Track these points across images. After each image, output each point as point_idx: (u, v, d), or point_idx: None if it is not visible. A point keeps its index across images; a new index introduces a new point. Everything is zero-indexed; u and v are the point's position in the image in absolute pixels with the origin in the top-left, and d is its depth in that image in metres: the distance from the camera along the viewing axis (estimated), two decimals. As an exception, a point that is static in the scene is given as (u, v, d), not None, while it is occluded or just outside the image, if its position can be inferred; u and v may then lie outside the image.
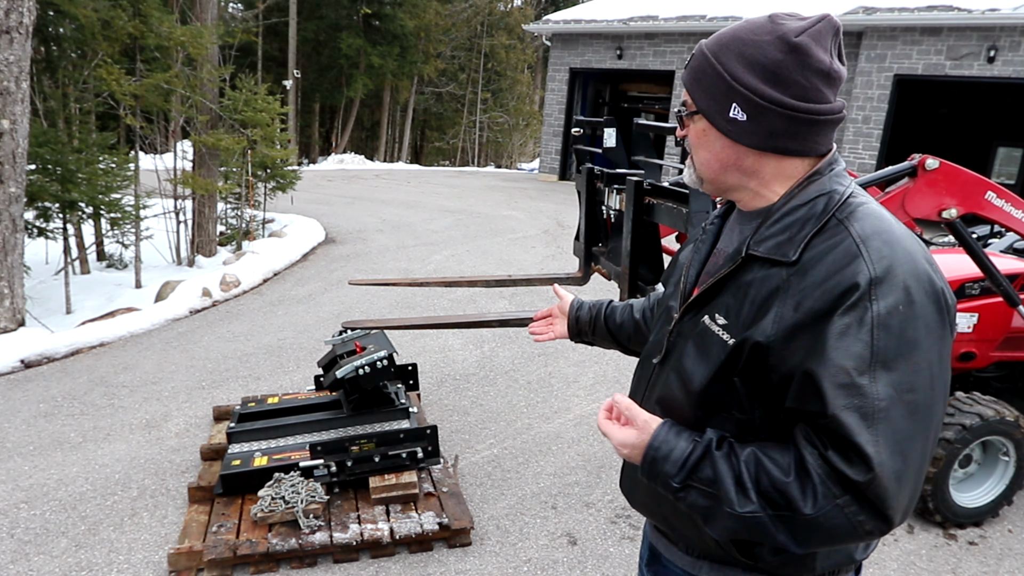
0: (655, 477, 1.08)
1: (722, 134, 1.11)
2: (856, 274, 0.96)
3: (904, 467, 0.95)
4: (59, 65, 7.41)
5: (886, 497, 0.94)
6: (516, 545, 2.96)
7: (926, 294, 0.98)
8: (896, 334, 0.95)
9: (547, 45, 18.09)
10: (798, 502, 0.96)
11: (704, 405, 1.11)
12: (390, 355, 3.48)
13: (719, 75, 1.09)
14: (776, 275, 1.04)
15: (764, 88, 1.05)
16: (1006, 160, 15.03)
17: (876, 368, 0.94)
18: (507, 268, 7.85)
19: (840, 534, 0.96)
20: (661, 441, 1.07)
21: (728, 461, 1.02)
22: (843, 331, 0.95)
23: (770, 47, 1.05)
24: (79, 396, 4.32)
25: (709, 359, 1.09)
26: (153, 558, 2.79)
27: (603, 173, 3.36)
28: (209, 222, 8.73)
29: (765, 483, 0.98)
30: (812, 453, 0.97)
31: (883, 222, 1.04)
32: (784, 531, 0.98)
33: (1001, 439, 3.14)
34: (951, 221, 2.99)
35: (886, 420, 0.93)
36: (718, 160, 1.13)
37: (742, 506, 0.99)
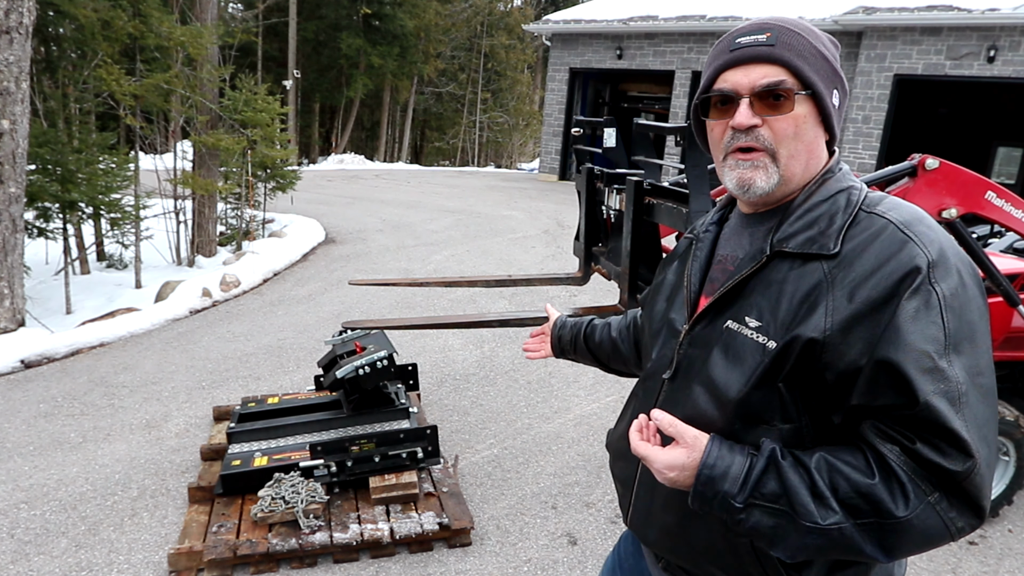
0: (711, 499, 0.97)
1: (820, 120, 1.05)
2: (914, 257, 0.93)
3: (990, 454, 0.91)
4: (59, 65, 7.42)
5: (982, 486, 0.89)
6: (516, 545, 2.96)
7: (972, 277, 0.96)
8: (958, 316, 0.92)
9: (547, 45, 18.10)
10: (887, 505, 0.89)
11: (743, 416, 1.01)
12: (390, 355, 3.48)
13: (823, 57, 1.04)
14: (815, 269, 0.98)
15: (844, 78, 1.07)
16: (1006, 160, 15.02)
17: (950, 351, 0.90)
18: (507, 268, 7.85)
19: (932, 536, 0.90)
20: (716, 458, 0.97)
21: (797, 471, 0.93)
22: (915, 314, 0.91)
23: (832, 45, 1.07)
24: (79, 396, 4.32)
25: (744, 365, 1.01)
26: (153, 558, 2.79)
27: (603, 173, 3.35)
28: (209, 222, 8.73)
29: (844, 489, 0.91)
30: (893, 450, 0.91)
31: (916, 210, 1.01)
32: (871, 540, 0.90)
33: (1001, 439, 3.14)
34: (951, 221, 2.99)
35: (968, 405, 0.90)
36: (808, 151, 1.05)
37: (824, 518, 0.90)
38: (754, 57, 1.02)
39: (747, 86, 1.02)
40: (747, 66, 1.03)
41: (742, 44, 1.03)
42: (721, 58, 1.06)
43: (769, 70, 1.01)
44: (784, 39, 1.02)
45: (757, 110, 1.02)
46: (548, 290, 6.71)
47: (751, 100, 1.02)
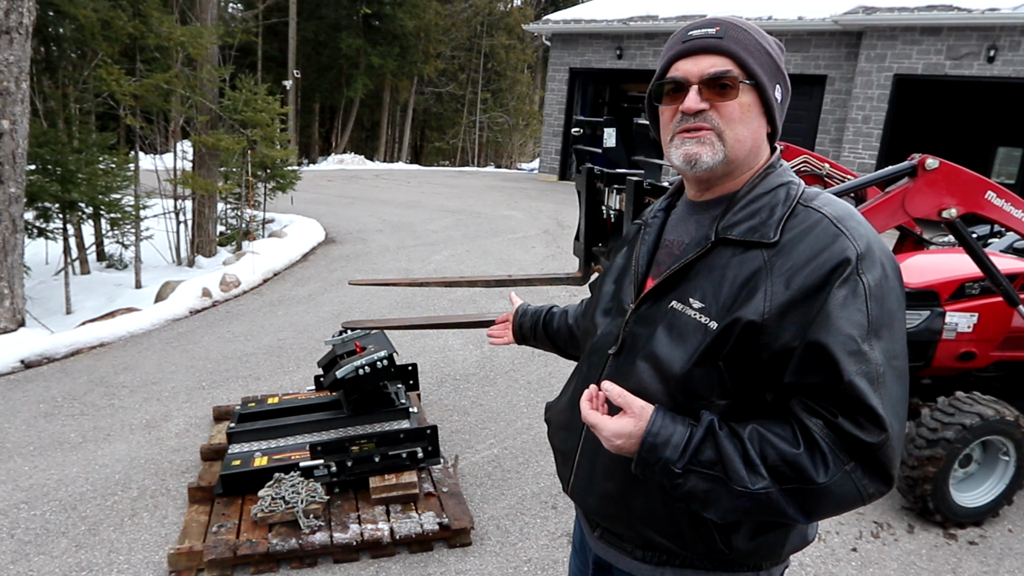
0: (653, 465, 1.04)
1: (763, 111, 1.13)
2: (844, 250, 1.02)
3: (900, 429, 1.01)
4: (59, 65, 7.41)
5: (893, 457, 0.99)
6: (516, 545, 2.96)
7: (894, 270, 1.06)
8: (880, 304, 1.01)
9: (547, 45, 18.09)
10: (810, 472, 0.98)
11: (684, 391, 1.09)
12: (390, 355, 3.48)
13: (767, 53, 1.13)
14: (755, 256, 1.06)
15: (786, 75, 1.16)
16: (1006, 160, 15.03)
17: (872, 336, 0.99)
18: (507, 268, 7.85)
19: (847, 500, 1.00)
20: (660, 427, 1.04)
21: (732, 440, 1.02)
22: (843, 302, 0.99)
23: (777, 47, 1.17)
24: (79, 396, 4.32)
25: (687, 343, 1.08)
26: (153, 558, 2.79)
27: (603, 173, 3.36)
28: (209, 222, 8.73)
29: (773, 457, 1.00)
30: (817, 423, 0.99)
31: (847, 207, 1.11)
32: (794, 503, 0.99)
33: (1001, 439, 3.14)
34: (951, 221, 2.99)
35: (884, 385, 0.99)
36: (753, 139, 1.13)
37: (754, 483, 0.99)
38: (703, 48, 1.11)
39: (696, 74, 1.11)
40: (697, 56, 1.11)
41: (693, 36, 1.12)
42: (674, 49, 1.14)
43: (717, 60, 1.10)
44: (732, 33, 1.11)
45: (705, 96, 1.10)
46: (548, 290, 6.71)
47: (700, 87, 1.10)
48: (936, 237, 5.19)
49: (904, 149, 7.65)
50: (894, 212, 3.00)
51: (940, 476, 3.06)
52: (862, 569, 2.90)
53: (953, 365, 3.46)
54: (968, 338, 3.40)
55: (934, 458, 3.04)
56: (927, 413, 3.14)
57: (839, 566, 2.91)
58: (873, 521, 3.24)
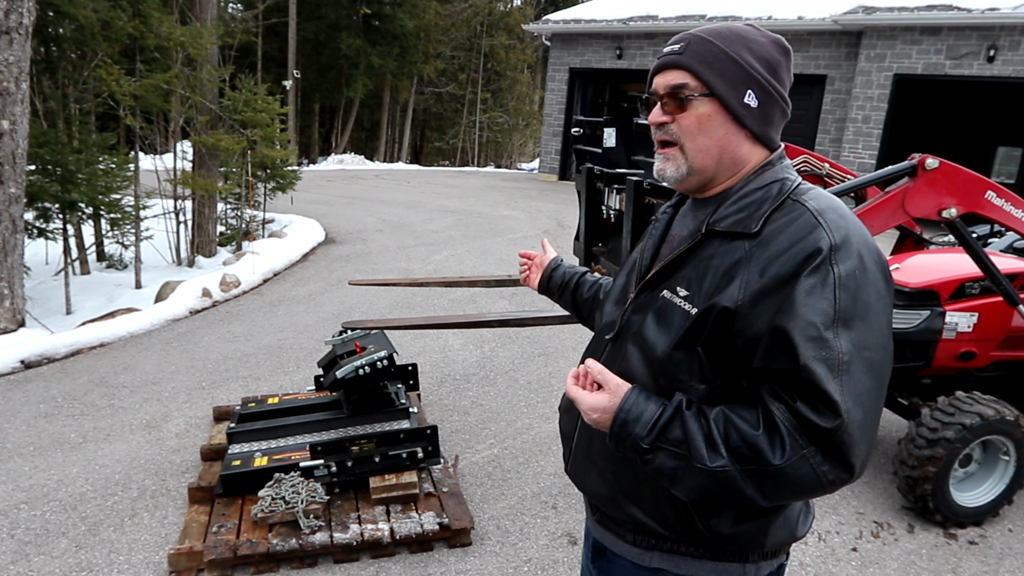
0: (624, 440, 1.10)
1: (732, 118, 1.16)
2: (818, 240, 1.05)
3: (864, 418, 1.01)
4: (59, 66, 7.40)
5: (851, 444, 1.00)
6: (516, 545, 2.96)
7: (875, 263, 1.07)
8: (853, 295, 1.03)
9: (547, 45, 18.09)
10: (766, 453, 1.01)
11: (666, 374, 1.14)
12: (390, 355, 3.48)
13: (735, 61, 1.16)
14: (738, 247, 1.11)
15: (771, 79, 1.18)
16: (1006, 160, 15.03)
17: (839, 325, 1.01)
18: (507, 268, 7.85)
19: (805, 485, 1.02)
20: (632, 404, 1.10)
21: (697, 420, 1.06)
22: (810, 290, 1.02)
23: (768, 47, 1.19)
24: (79, 397, 4.32)
25: (671, 329, 1.14)
26: (153, 558, 2.79)
27: (603, 173, 3.36)
28: (209, 222, 8.73)
29: (735, 438, 1.03)
30: (779, 407, 1.03)
31: (834, 200, 1.14)
32: (752, 484, 1.03)
33: (1001, 438, 3.14)
34: (951, 220, 2.99)
35: (848, 373, 1.00)
36: (719, 146, 1.17)
37: (712, 461, 1.03)
38: (667, 64, 1.19)
39: (662, 87, 1.19)
40: (663, 72, 1.20)
41: (663, 53, 1.21)
42: (654, 64, 1.24)
43: (676, 75, 1.17)
44: (694, 47, 1.17)
45: (669, 109, 1.18)
46: (548, 290, 6.70)
47: (664, 100, 1.19)
48: (936, 237, 5.19)
49: (904, 149, 7.65)
50: (894, 212, 3.00)
51: (940, 476, 3.06)
52: (862, 569, 2.90)
53: (953, 365, 3.46)
54: (968, 338, 3.40)
55: (934, 458, 3.04)
56: (927, 413, 3.14)
57: (839, 566, 2.91)
58: (873, 521, 3.24)
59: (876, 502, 3.40)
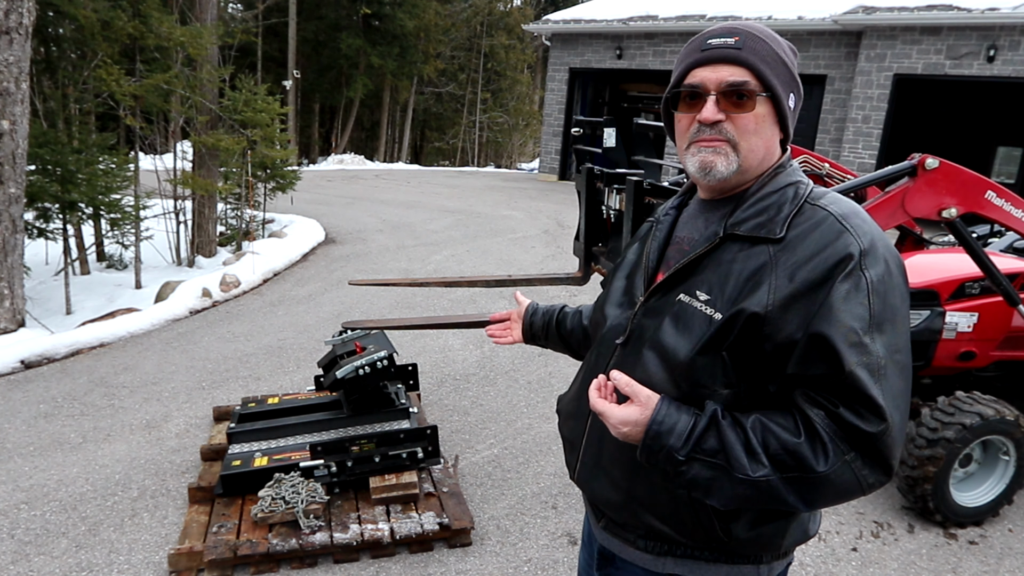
0: (657, 452, 1.07)
1: (777, 120, 1.16)
2: (848, 245, 1.04)
3: (902, 420, 1.02)
4: (59, 66, 7.41)
5: (893, 447, 1.00)
6: (516, 545, 2.96)
7: (898, 267, 1.08)
8: (883, 299, 1.03)
9: (547, 45, 18.08)
10: (810, 461, 1.00)
11: (688, 380, 1.11)
12: (390, 355, 3.48)
13: (783, 63, 1.15)
14: (761, 252, 1.09)
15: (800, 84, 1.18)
16: (1006, 160, 15.03)
17: (874, 330, 1.02)
18: (507, 268, 7.85)
19: (846, 489, 1.02)
20: (664, 415, 1.07)
21: (734, 430, 1.04)
22: (846, 295, 1.01)
23: (791, 52, 1.18)
24: (79, 397, 4.32)
25: (692, 333, 1.11)
26: (153, 558, 2.79)
27: (603, 173, 3.36)
28: (209, 222, 8.73)
29: (774, 446, 1.02)
30: (819, 414, 1.01)
31: (853, 205, 1.13)
32: (794, 492, 1.01)
33: (1001, 438, 3.14)
34: (951, 220, 2.99)
35: (886, 377, 1.01)
36: (766, 147, 1.16)
37: (755, 471, 1.01)
38: (723, 58, 1.12)
39: (715, 83, 1.12)
40: (716, 65, 1.12)
41: (713, 45, 1.13)
42: (692, 56, 1.15)
43: (735, 70, 1.11)
44: (751, 44, 1.12)
45: (722, 106, 1.12)
46: (548, 290, 6.71)
47: (718, 97, 1.12)
48: (936, 237, 5.19)
49: (904, 149, 7.66)
50: (894, 212, 3.00)
51: (940, 476, 3.06)
52: (862, 569, 2.90)
53: (953, 365, 3.46)
54: (968, 338, 3.40)
55: (934, 458, 3.04)
56: (927, 413, 3.14)
57: (839, 566, 2.91)
58: (873, 521, 3.24)
59: (876, 502, 3.40)
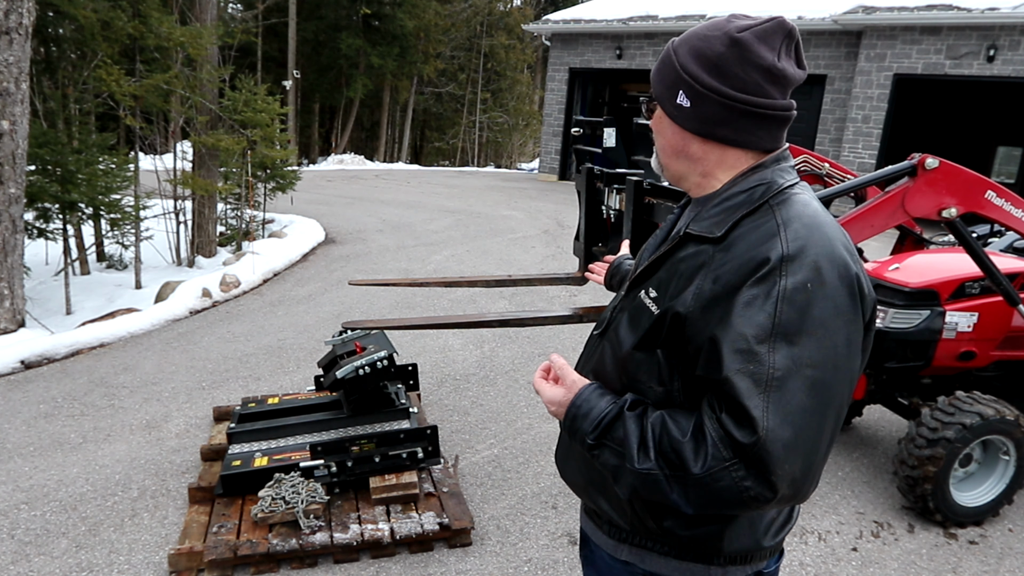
0: (574, 433, 1.14)
1: (671, 120, 1.19)
2: (770, 250, 1.02)
3: (794, 438, 0.97)
4: (59, 66, 7.41)
5: (770, 462, 0.96)
6: (517, 545, 2.96)
7: (839, 277, 1.02)
8: (801, 310, 0.99)
9: (547, 45, 18.09)
10: (689, 462, 1.00)
11: (628, 373, 1.16)
12: (390, 355, 3.48)
13: (672, 65, 1.18)
14: (704, 251, 1.10)
15: (705, 77, 1.13)
16: (1006, 159, 15.04)
17: (777, 339, 0.98)
18: (507, 268, 7.85)
19: (727, 497, 0.99)
20: (583, 400, 1.14)
21: (638, 422, 1.08)
22: (749, 301, 1.00)
23: (716, 41, 1.14)
24: (79, 397, 4.32)
25: (636, 329, 1.16)
26: (154, 559, 2.79)
27: (603, 173, 3.36)
28: (209, 222, 8.73)
29: (665, 443, 1.04)
30: (711, 417, 1.01)
31: (808, 209, 1.09)
32: (677, 489, 1.02)
33: (1001, 438, 3.14)
34: (951, 220, 2.99)
35: (780, 390, 0.97)
36: (670, 146, 1.22)
37: (641, 463, 1.04)
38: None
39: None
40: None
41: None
42: None
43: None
44: (659, 57, 1.22)
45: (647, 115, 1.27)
46: (548, 290, 6.71)
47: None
48: (936, 237, 5.19)
49: (904, 149, 7.66)
50: (894, 212, 3.00)
51: (940, 475, 3.06)
52: (862, 569, 2.90)
53: (953, 364, 3.46)
54: (968, 337, 3.40)
55: (934, 457, 3.04)
56: (927, 413, 3.14)
57: (839, 566, 2.91)
58: (873, 521, 3.24)
59: (876, 502, 3.40)
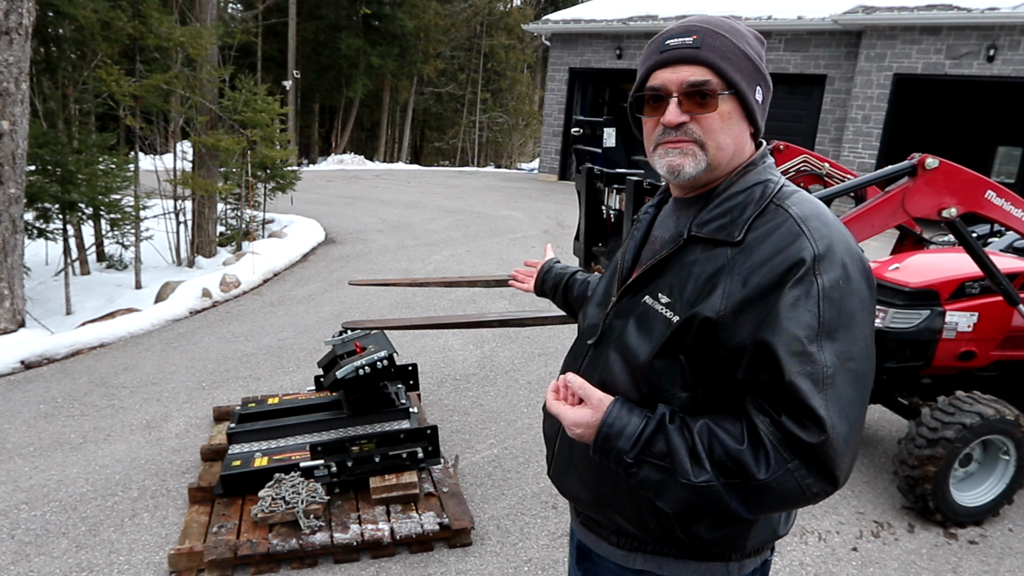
0: (608, 454, 1.09)
1: (745, 116, 1.14)
2: (801, 250, 1.02)
3: (849, 430, 1.00)
4: (59, 66, 7.41)
5: (836, 458, 0.99)
6: (517, 545, 2.96)
7: (859, 271, 1.05)
8: (837, 306, 1.01)
9: (547, 45, 18.09)
10: (751, 468, 1.00)
11: (648, 382, 1.12)
12: (390, 355, 3.48)
13: (747, 56, 1.12)
14: (721, 254, 1.08)
15: (767, 76, 1.15)
16: (1006, 159, 15.02)
17: (823, 337, 1.00)
18: (507, 268, 7.84)
19: (789, 498, 1.01)
20: (615, 418, 1.08)
21: (681, 434, 1.05)
22: (794, 302, 1.00)
23: (756, 42, 1.16)
24: (79, 397, 4.32)
25: (652, 336, 1.12)
26: (154, 559, 2.79)
27: (603, 173, 3.36)
28: (209, 223, 8.73)
29: (719, 452, 1.02)
30: (764, 421, 1.01)
31: (818, 206, 1.11)
32: (737, 498, 1.01)
33: (1001, 438, 3.14)
34: (951, 220, 3.00)
35: (833, 386, 0.99)
36: (735, 144, 1.14)
37: (697, 476, 1.02)
38: (681, 58, 1.10)
39: (676, 84, 1.10)
40: (676, 66, 1.11)
41: (671, 45, 1.12)
42: (652, 58, 1.14)
43: (695, 70, 1.09)
44: (709, 41, 1.10)
45: (685, 108, 1.10)
46: (548, 290, 6.70)
47: (679, 98, 1.10)
48: (936, 236, 5.19)
49: (904, 149, 7.66)
50: (894, 211, 3.00)
51: (940, 475, 3.06)
52: (862, 568, 2.90)
53: (953, 364, 3.46)
54: (968, 337, 3.40)
55: (934, 457, 3.04)
56: (927, 412, 3.14)
57: (839, 565, 2.91)
58: (874, 521, 3.24)
59: (876, 502, 3.40)
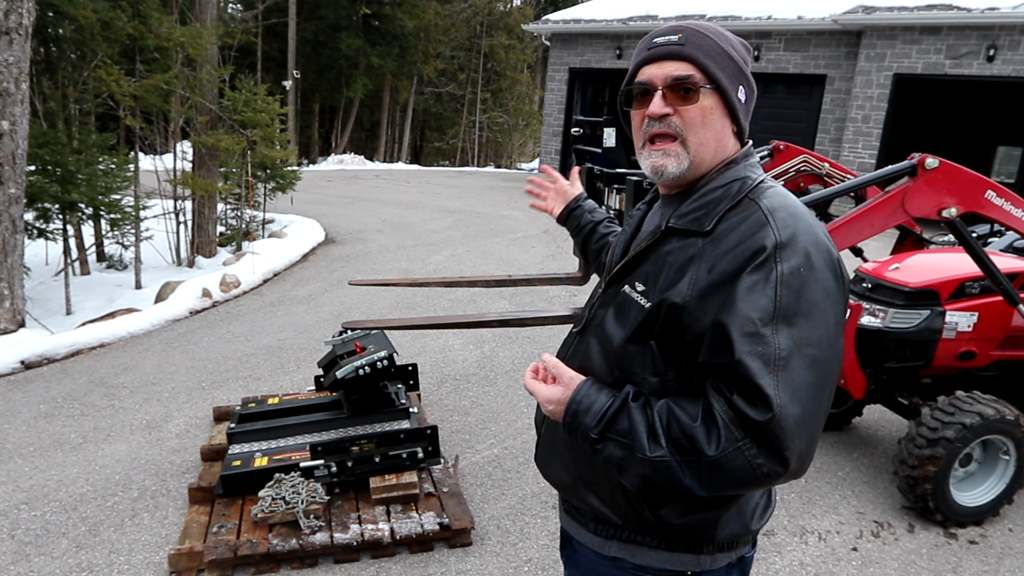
0: (576, 430, 1.15)
1: (727, 112, 1.19)
2: (764, 238, 1.07)
3: (802, 413, 1.03)
4: (59, 66, 7.41)
5: (783, 437, 1.01)
6: (517, 545, 2.96)
7: (824, 261, 1.09)
8: (797, 293, 1.05)
9: (547, 45, 18.09)
10: (703, 445, 1.04)
11: (620, 366, 1.18)
12: (390, 355, 3.48)
13: (729, 56, 1.19)
14: (692, 244, 1.14)
15: (751, 78, 1.22)
16: (1006, 159, 15.02)
17: (779, 321, 1.03)
18: (507, 268, 7.84)
19: (740, 476, 1.04)
20: (583, 395, 1.15)
21: (643, 412, 1.10)
22: (751, 287, 1.05)
23: (742, 47, 1.22)
24: (79, 397, 4.32)
25: (627, 322, 1.18)
26: (154, 559, 2.79)
27: (603, 173, 3.36)
28: (209, 223, 8.73)
29: (675, 430, 1.07)
30: (719, 400, 1.05)
31: (789, 199, 1.16)
32: (690, 474, 1.06)
33: (1001, 438, 3.14)
34: (951, 220, 2.99)
35: (786, 369, 1.02)
36: (716, 140, 1.19)
37: (652, 451, 1.07)
38: (667, 54, 1.18)
39: (661, 78, 1.18)
40: (662, 62, 1.18)
41: (658, 43, 1.20)
42: (641, 55, 1.22)
43: (679, 65, 1.16)
44: (693, 40, 1.17)
45: (669, 100, 1.17)
46: (548, 290, 6.71)
47: (664, 91, 1.17)
48: (936, 236, 5.19)
49: (904, 149, 7.65)
50: (894, 211, 3.00)
51: (940, 475, 3.06)
52: (862, 568, 2.90)
53: (953, 364, 3.46)
54: (968, 337, 3.40)
55: (934, 457, 3.04)
56: (927, 412, 3.14)
57: (839, 565, 2.91)
58: (873, 520, 3.24)
59: (876, 502, 3.40)
